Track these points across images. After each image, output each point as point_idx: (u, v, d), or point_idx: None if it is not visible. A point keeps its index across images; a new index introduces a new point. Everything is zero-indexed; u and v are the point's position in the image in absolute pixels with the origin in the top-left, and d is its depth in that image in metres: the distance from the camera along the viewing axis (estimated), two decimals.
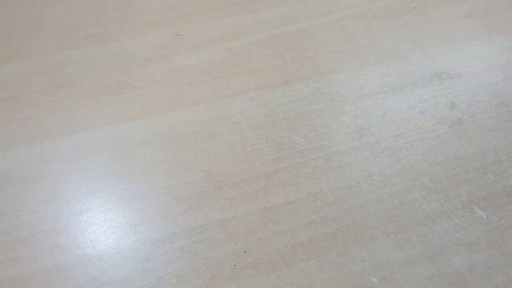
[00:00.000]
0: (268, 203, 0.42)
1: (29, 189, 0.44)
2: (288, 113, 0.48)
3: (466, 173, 0.43)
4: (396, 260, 0.38)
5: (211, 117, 0.48)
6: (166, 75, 0.52)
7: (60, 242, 0.40)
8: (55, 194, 0.43)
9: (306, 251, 0.39)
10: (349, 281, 0.37)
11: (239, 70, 0.52)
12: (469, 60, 0.51)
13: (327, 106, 0.48)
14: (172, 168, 0.44)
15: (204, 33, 0.56)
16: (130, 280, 0.38)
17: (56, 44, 0.56)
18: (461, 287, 0.37)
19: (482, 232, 0.39)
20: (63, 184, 0.44)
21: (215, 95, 0.50)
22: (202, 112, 0.48)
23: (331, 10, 0.58)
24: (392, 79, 0.50)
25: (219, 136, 0.46)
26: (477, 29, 0.55)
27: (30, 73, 0.53)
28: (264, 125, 0.47)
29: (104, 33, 0.57)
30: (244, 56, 0.53)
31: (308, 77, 0.51)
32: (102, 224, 0.41)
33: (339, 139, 0.46)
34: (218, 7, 0.59)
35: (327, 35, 0.55)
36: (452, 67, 0.50)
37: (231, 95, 0.50)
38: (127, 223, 0.41)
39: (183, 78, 0.52)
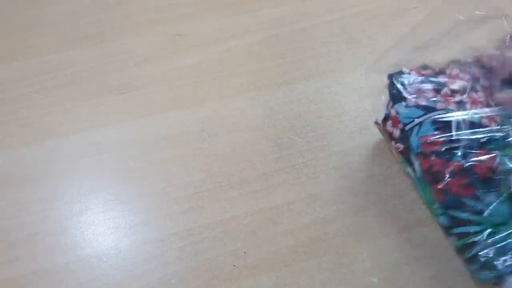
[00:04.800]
0: (268, 203, 0.42)
1: (29, 189, 0.43)
2: (288, 113, 0.48)
3: None
4: (396, 260, 0.38)
5: (211, 117, 0.48)
6: (166, 75, 0.52)
7: (60, 242, 0.40)
8: (55, 194, 0.43)
9: (306, 251, 0.39)
10: (349, 281, 0.37)
11: (239, 70, 0.52)
12: None
13: (327, 106, 0.48)
14: (172, 168, 0.44)
15: (204, 33, 0.56)
16: (130, 280, 0.38)
17: (56, 44, 0.56)
18: (461, 287, 0.36)
19: None
20: (63, 184, 0.44)
21: (215, 95, 0.50)
22: (202, 112, 0.48)
23: (331, 10, 0.58)
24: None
25: (219, 136, 0.46)
26: None
27: (30, 73, 0.53)
28: (264, 125, 0.47)
29: (104, 33, 0.57)
30: (244, 56, 0.53)
31: (308, 77, 0.51)
32: (101, 225, 0.41)
33: (339, 139, 0.45)
34: (218, 7, 0.59)
35: (327, 35, 0.55)
36: None
37: (231, 95, 0.50)
38: (127, 223, 0.41)
39: (183, 78, 0.52)
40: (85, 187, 0.44)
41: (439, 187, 0.35)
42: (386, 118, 0.40)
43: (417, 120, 0.37)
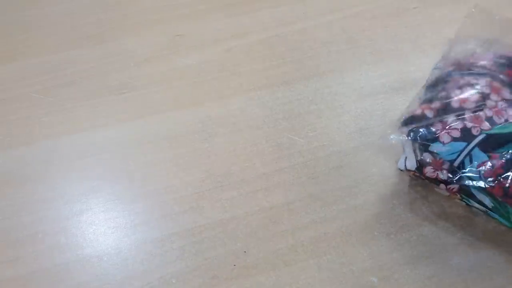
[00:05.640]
0: (268, 203, 0.42)
1: (29, 189, 0.43)
2: (288, 113, 0.48)
3: None
4: (396, 260, 0.38)
5: (211, 117, 0.48)
6: (166, 75, 0.52)
7: (60, 242, 0.40)
8: (55, 194, 0.43)
9: (306, 251, 0.39)
10: (349, 281, 0.37)
11: (239, 70, 0.52)
12: None
13: (327, 106, 0.48)
14: (172, 168, 0.44)
15: (204, 33, 0.56)
16: (130, 280, 0.38)
17: (56, 44, 0.56)
18: (461, 287, 0.37)
19: (482, 232, 0.39)
20: (63, 184, 0.44)
21: (215, 95, 0.50)
22: (202, 112, 0.48)
23: (331, 10, 0.58)
24: (392, 79, 0.50)
25: (219, 136, 0.46)
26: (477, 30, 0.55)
27: (30, 73, 0.53)
28: (264, 125, 0.47)
29: (104, 33, 0.57)
30: (244, 56, 0.53)
31: (308, 77, 0.51)
32: (102, 224, 0.41)
33: (339, 139, 0.46)
34: (218, 7, 0.59)
35: (327, 35, 0.55)
36: None
37: (231, 95, 0.50)
38: (127, 223, 0.41)
39: (183, 78, 0.52)
40: (85, 187, 0.44)
41: None
42: (421, 166, 0.37)
43: (464, 152, 0.35)
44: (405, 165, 0.39)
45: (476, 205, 0.36)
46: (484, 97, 0.36)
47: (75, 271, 0.39)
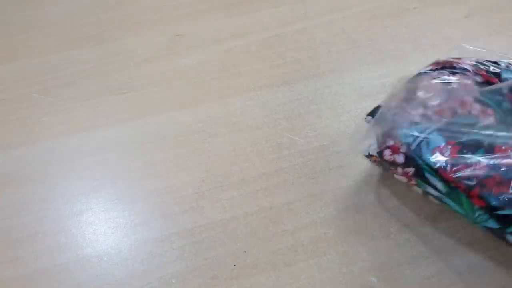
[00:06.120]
0: (268, 203, 0.42)
1: (29, 189, 0.43)
2: (288, 113, 0.48)
3: None
4: (396, 260, 0.38)
5: (211, 117, 0.48)
6: (166, 75, 0.52)
7: (60, 242, 0.40)
8: (55, 194, 0.43)
9: (306, 251, 0.39)
10: (349, 281, 0.37)
11: (239, 70, 0.52)
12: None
13: (327, 106, 0.48)
14: (172, 168, 0.44)
15: (204, 33, 0.56)
16: (130, 280, 0.38)
17: (56, 44, 0.56)
18: (461, 287, 0.37)
19: (482, 232, 0.39)
20: (63, 184, 0.44)
21: (215, 95, 0.50)
22: (202, 112, 0.48)
23: (331, 10, 0.58)
24: (392, 79, 0.50)
25: (219, 136, 0.46)
26: (477, 29, 0.55)
27: (30, 73, 0.53)
28: (264, 125, 0.47)
29: (104, 33, 0.57)
30: (244, 56, 0.53)
31: (308, 77, 0.51)
32: (102, 224, 0.41)
33: (339, 139, 0.46)
34: (218, 7, 0.59)
35: (327, 35, 0.55)
36: None
37: (231, 95, 0.50)
38: (127, 223, 0.41)
39: (183, 78, 0.52)
40: (85, 187, 0.44)
41: (476, 193, 0.33)
42: (381, 150, 0.38)
43: (422, 135, 0.35)
44: (369, 151, 0.39)
45: (432, 191, 0.36)
46: (452, 89, 0.37)
47: (75, 271, 0.39)
